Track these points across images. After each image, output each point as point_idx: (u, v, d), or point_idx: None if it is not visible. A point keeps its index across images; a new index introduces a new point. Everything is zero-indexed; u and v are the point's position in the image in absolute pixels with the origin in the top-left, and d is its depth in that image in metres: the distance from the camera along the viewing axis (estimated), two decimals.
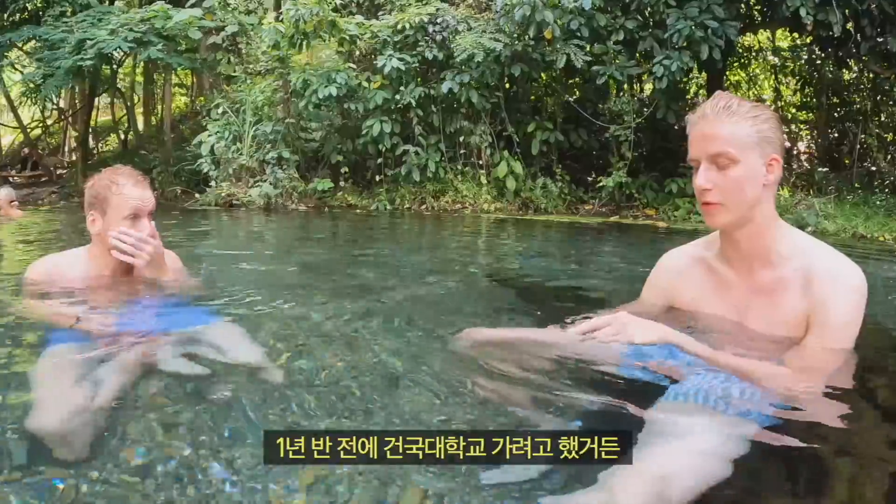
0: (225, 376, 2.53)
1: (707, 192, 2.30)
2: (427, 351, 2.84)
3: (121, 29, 13.41)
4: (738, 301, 2.48)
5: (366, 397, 2.37)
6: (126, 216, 3.28)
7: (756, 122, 2.28)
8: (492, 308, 4.01)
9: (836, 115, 15.16)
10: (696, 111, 2.38)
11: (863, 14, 10.38)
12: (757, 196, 2.31)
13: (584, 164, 13.63)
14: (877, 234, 9.04)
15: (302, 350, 2.95)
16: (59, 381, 2.46)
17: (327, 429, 2.10)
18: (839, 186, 12.48)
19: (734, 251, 2.46)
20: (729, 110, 2.29)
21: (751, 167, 2.28)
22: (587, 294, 4.43)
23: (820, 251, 2.36)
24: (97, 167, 17.99)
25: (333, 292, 4.30)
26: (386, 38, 12.20)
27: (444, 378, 2.48)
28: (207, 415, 2.21)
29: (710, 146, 2.28)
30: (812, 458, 1.94)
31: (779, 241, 2.38)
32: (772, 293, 2.38)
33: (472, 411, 2.20)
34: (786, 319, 2.35)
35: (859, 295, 2.28)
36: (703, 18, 10.43)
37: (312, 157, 13.52)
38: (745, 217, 2.33)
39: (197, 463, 1.91)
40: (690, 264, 2.65)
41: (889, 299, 4.56)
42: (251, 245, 7.72)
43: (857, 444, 2.03)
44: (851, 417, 2.12)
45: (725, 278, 2.52)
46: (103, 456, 1.95)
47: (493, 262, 6.43)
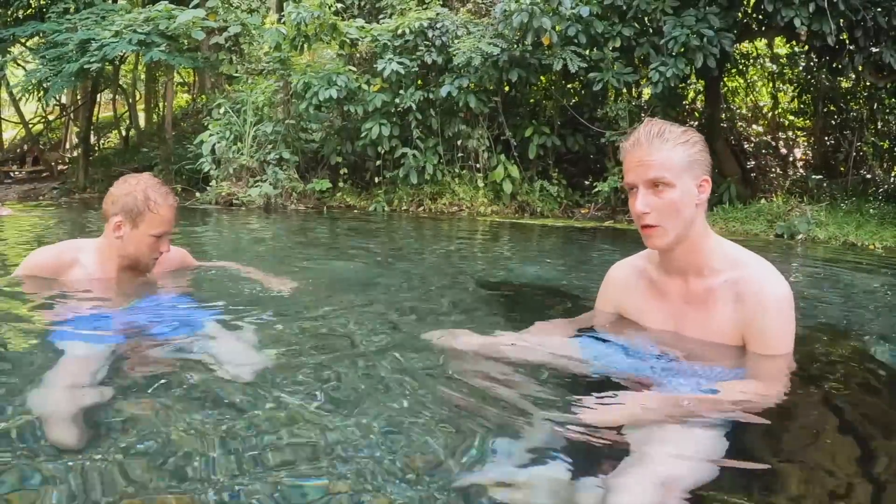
0: (223, 379, 2.61)
1: (646, 215, 2.45)
2: (409, 356, 2.93)
3: (125, 31, 13.46)
4: (674, 310, 2.66)
5: (349, 398, 2.47)
6: (154, 234, 3.46)
7: (686, 146, 2.46)
8: (476, 312, 4.10)
9: (832, 123, 15.19)
10: (628, 138, 2.54)
11: (857, 25, 10.46)
12: (692, 216, 2.48)
13: (581, 168, 13.71)
14: (867, 242, 9.05)
15: (294, 351, 3.04)
16: (69, 377, 2.58)
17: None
18: (833, 194, 12.55)
19: (670, 265, 2.65)
20: (662, 137, 2.44)
21: (685, 190, 2.44)
22: (571, 298, 4.53)
23: (749, 263, 2.53)
24: (98, 163, 18.13)
25: (327, 294, 4.37)
26: (386, 42, 12.30)
27: (422, 386, 2.58)
28: (205, 415, 2.29)
29: (647, 172, 2.44)
30: (757, 461, 2.05)
31: (710, 255, 2.56)
32: (704, 303, 2.56)
33: (447, 418, 2.30)
34: (719, 328, 2.53)
35: (787, 303, 2.46)
36: (699, 27, 10.52)
37: (312, 157, 13.60)
38: (682, 236, 2.49)
39: (193, 462, 1.98)
40: (634, 276, 2.84)
41: (859, 311, 4.65)
42: (249, 245, 7.78)
43: (805, 450, 2.14)
44: (806, 424, 2.24)
45: (663, 289, 2.70)
46: (98, 447, 2.04)
47: (483, 266, 6.49)
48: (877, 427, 2.37)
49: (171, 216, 3.54)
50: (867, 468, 2.00)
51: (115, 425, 2.20)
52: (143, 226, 3.50)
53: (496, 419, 2.26)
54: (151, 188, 3.54)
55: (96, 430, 2.16)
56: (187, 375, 2.65)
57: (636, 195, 2.47)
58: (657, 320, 2.72)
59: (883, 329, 3.89)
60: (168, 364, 2.77)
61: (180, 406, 2.36)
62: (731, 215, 10.86)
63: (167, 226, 3.54)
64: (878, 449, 2.17)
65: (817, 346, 3.20)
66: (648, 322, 2.76)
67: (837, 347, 3.29)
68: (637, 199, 2.46)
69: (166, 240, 3.58)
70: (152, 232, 3.50)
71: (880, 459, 2.06)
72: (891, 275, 6.49)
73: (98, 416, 2.25)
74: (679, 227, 2.46)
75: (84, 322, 3.19)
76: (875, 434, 2.31)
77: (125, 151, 20.31)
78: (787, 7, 10.26)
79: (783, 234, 9.70)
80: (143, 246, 3.55)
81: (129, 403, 2.37)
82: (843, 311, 4.48)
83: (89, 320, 3.22)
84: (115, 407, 2.32)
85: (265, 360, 2.82)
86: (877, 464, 2.04)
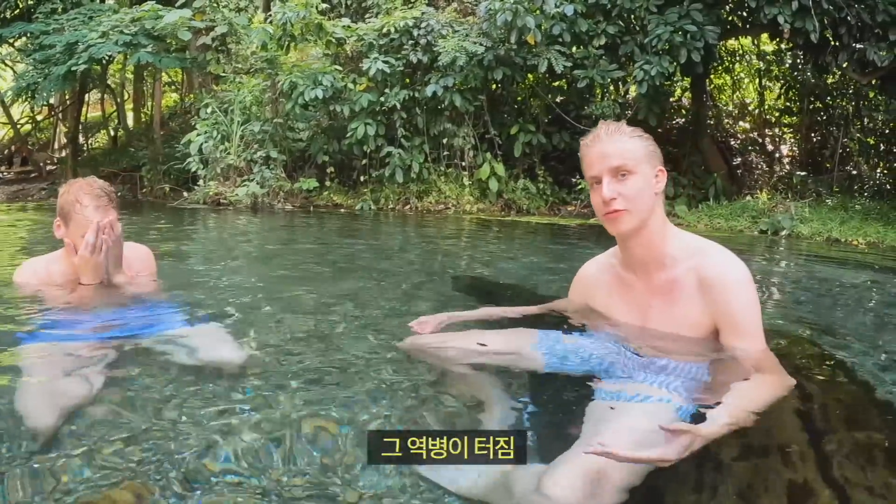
0: (198, 376, 2.64)
1: (613, 201, 2.53)
2: (383, 352, 2.98)
3: (112, 32, 13.47)
4: (640, 302, 2.73)
5: (321, 389, 2.51)
6: (83, 235, 3.46)
7: (641, 139, 2.62)
8: (450, 307, 4.14)
9: (818, 120, 15.27)
10: (588, 136, 2.65)
11: (840, 22, 10.52)
12: (652, 204, 2.58)
13: (568, 165, 13.73)
14: (851, 238, 9.13)
15: (269, 344, 3.08)
16: (44, 375, 2.62)
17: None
18: (819, 190, 12.61)
19: (631, 257, 2.72)
20: (619, 131, 2.59)
21: (645, 177, 2.56)
22: (550, 294, 4.56)
23: (707, 251, 2.61)
24: (87, 163, 18.10)
25: (312, 293, 4.41)
26: (372, 42, 12.33)
27: (389, 378, 2.64)
28: (182, 413, 2.32)
29: (610, 161, 2.54)
30: (716, 453, 2.08)
31: (669, 245, 2.64)
32: (668, 293, 2.63)
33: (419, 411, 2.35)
34: (686, 318, 2.60)
35: (748, 285, 2.54)
36: (682, 23, 10.58)
37: (299, 157, 13.63)
38: (644, 222, 2.58)
39: (174, 458, 2.01)
40: (601, 271, 2.93)
41: (836, 307, 4.69)
42: (234, 244, 7.81)
43: (762, 440, 2.17)
44: (764, 417, 2.27)
45: (628, 282, 2.78)
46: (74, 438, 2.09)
47: (465, 262, 6.54)
48: (835, 423, 2.41)
49: (97, 217, 3.46)
50: (824, 467, 2.02)
51: (90, 417, 2.25)
52: (72, 225, 3.51)
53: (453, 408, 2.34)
54: (82, 190, 3.53)
55: (72, 421, 2.20)
56: (163, 370, 2.69)
57: (600, 187, 2.56)
58: (623, 313, 2.80)
59: (856, 325, 3.93)
60: (142, 360, 2.80)
61: (157, 398, 2.41)
62: (716, 212, 10.92)
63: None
64: (836, 447, 2.19)
65: (789, 342, 3.23)
66: (615, 316, 2.83)
67: (809, 344, 3.32)
68: (602, 188, 2.54)
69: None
70: (80, 233, 3.48)
71: (837, 459, 2.09)
72: (871, 271, 6.53)
73: (74, 409, 2.29)
74: (644, 212, 2.56)
75: (58, 324, 3.23)
76: (832, 430, 2.34)
77: (113, 151, 20.26)
78: (770, 4, 10.33)
79: (767, 230, 9.76)
80: (74, 248, 3.56)
81: (104, 396, 2.42)
82: (820, 307, 4.52)
83: (63, 323, 3.26)
84: (91, 400, 2.37)
85: (242, 354, 2.87)
86: (834, 463, 2.06)
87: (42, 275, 3.71)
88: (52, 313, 3.40)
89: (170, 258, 5.19)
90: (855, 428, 2.35)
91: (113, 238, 3.53)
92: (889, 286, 5.78)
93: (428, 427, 2.24)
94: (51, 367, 2.71)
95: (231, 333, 3.13)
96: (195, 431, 2.16)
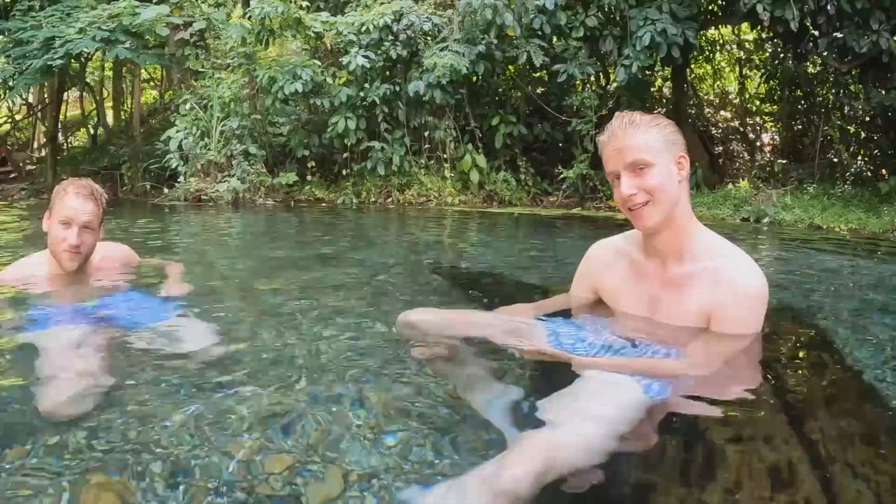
0: (182, 366, 2.65)
1: (633, 196, 2.50)
2: (370, 343, 2.98)
3: (89, 28, 13.36)
4: (651, 292, 2.69)
5: (314, 389, 2.49)
6: (60, 220, 3.52)
7: (658, 129, 2.55)
8: (431, 298, 4.15)
9: (799, 108, 15.30)
10: (603, 133, 2.62)
11: (819, 11, 10.54)
12: (676, 193, 2.54)
13: (550, 156, 13.73)
14: (833, 224, 9.16)
15: (258, 342, 3.07)
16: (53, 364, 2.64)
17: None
18: (800, 178, 12.65)
19: (652, 248, 2.68)
20: (633, 124, 2.53)
21: (665, 167, 2.51)
22: (530, 285, 4.57)
23: (728, 254, 2.57)
24: (67, 163, 18.01)
25: (292, 286, 4.39)
26: (351, 38, 12.28)
27: (378, 370, 2.62)
28: (168, 396, 2.35)
29: (626, 157, 2.51)
30: (703, 440, 2.08)
31: (691, 241, 2.61)
32: (680, 287, 2.59)
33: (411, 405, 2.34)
34: (691, 312, 2.56)
35: (758, 299, 2.52)
36: (662, 21, 10.59)
37: (280, 151, 13.58)
38: (670, 214, 2.54)
39: (162, 449, 2.01)
40: (615, 255, 2.87)
41: (819, 291, 4.69)
42: (215, 240, 7.77)
43: (745, 425, 2.16)
44: (749, 403, 2.27)
45: (642, 270, 2.73)
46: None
47: (445, 254, 6.53)
48: (819, 408, 2.40)
49: (73, 204, 3.53)
50: (809, 450, 2.00)
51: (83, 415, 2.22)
52: (53, 213, 3.57)
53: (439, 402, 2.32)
54: (70, 181, 3.66)
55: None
56: (144, 361, 2.72)
57: (620, 183, 2.53)
58: (631, 303, 2.76)
59: (840, 310, 3.93)
60: (125, 352, 2.82)
61: (144, 387, 2.44)
62: (697, 200, 10.92)
63: (69, 211, 3.51)
64: (819, 429, 2.18)
65: (773, 327, 3.23)
66: (623, 304, 2.80)
67: (792, 329, 3.32)
68: (621, 184, 2.52)
69: (74, 230, 3.53)
70: (58, 218, 3.53)
71: (823, 441, 2.08)
72: (853, 256, 6.55)
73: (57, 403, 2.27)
74: (666, 203, 2.52)
75: (40, 319, 3.25)
76: (816, 414, 2.33)
77: (93, 150, 20.13)
78: None
79: (749, 217, 9.79)
80: (54, 235, 3.58)
81: (87, 389, 2.39)
82: (802, 291, 4.51)
83: (45, 317, 3.27)
84: (74, 395, 2.34)
85: (221, 344, 2.88)
86: (819, 446, 2.05)
87: (26, 271, 3.76)
88: (34, 308, 3.42)
89: (151, 254, 5.13)
90: (839, 412, 2.35)
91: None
92: (870, 270, 5.79)
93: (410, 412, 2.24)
94: (32, 361, 2.69)
95: (212, 325, 3.12)
96: (178, 422, 2.15)
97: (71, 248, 3.53)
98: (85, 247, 3.60)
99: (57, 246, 3.56)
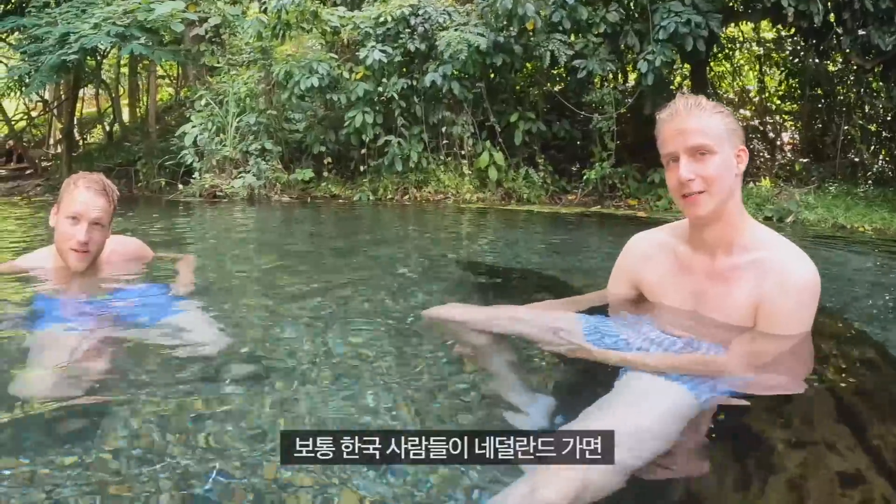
0: (191, 364, 2.56)
1: (691, 182, 2.37)
2: (395, 341, 2.87)
3: (104, 23, 13.31)
4: (696, 286, 2.56)
5: (330, 388, 2.39)
6: (68, 215, 3.37)
7: (722, 116, 2.41)
8: (457, 295, 4.05)
9: (819, 107, 15.17)
10: (666, 109, 2.47)
11: (844, 6, 10.41)
12: (732, 186, 2.42)
13: (568, 154, 13.62)
14: (856, 224, 9.06)
15: (271, 339, 2.98)
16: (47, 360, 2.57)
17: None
18: (822, 177, 12.53)
19: (700, 240, 2.55)
20: (699, 107, 2.40)
21: (725, 157, 2.38)
22: (556, 281, 4.47)
23: (778, 245, 2.44)
24: (82, 159, 18.03)
25: (309, 282, 4.32)
26: (368, 31, 12.17)
27: (410, 369, 2.51)
28: (171, 401, 2.24)
29: (688, 139, 2.37)
30: (758, 445, 1.97)
31: (742, 234, 2.47)
32: (727, 281, 2.46)
33: (446, 408, 2.23)
34: (737, 307, 2.43)
35: (809, 292, 2.38)
36: (686, 13, 10.44)
37: (296, 148, 13.49)
38: (723, 206, 2.42)
39: (163, 447, 1.94)
40: (656, 249, 2.73)
41: (852, 290, 4.59)
42: (232, 236, 7.71)
43: (804, 430, 2.05)
44: (805, 405, 2.16)
45: (687, 263, 2.59)
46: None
47: (467, 251, 6.45)
48: (879, 412, 2.27)
49: (83, 198, 3.38)
50: (873, 456, 1.89)
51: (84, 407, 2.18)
52: (62, 208, 3.43)
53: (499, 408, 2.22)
54: (80, 175, 3.53)
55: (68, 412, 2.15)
56: (157, 360, 2.65)
57: (676, 166, 2.41)
58: (676, 298, 2.63)
59: (875, 308, 3.83)
60: (134, 349, 2.74)
61: (149, 389, 2.34)
62: None
63: (79, 206, 3.37)
64: (879, 436, 2.07)
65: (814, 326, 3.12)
66: (667, 298, 2.67)
67: (834, 328, 3.20)
68: (680, 167, 2.39)
69: (81, 225, 3.38)
70: (66, 213, 3.39)
71: (885, 447, 1.96)
72: (881, 255, 6.45)
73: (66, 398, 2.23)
74: (723, 194, 2.40)
75: (47, 314, 3.17)
76: (878, 419, 2.21)
77: (108, 147, 20.13)
78: None
79: (773, 216, 9.66)
80: (61, 231, 3.44)
81: (97, 384, 2.36)
82: (835, 290, 4.40)
83: (53, 312, 3.20)
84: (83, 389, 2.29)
85: (236, 342, 2.80)
86: (884, 452, 1.94)
87: (30, 265, 3.66)
88: (36, 302, 3.31)
89: (166, 249, 5.06)
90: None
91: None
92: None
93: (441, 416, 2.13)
94: (44, 354, 2.64)
95: (226, 322, 3.04)
96: (185, 429, 2.06)
97: (79, 246, 3.38)
98: (94, 245, 3.44)
99: (64, 243, 3.42)
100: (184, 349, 2.71)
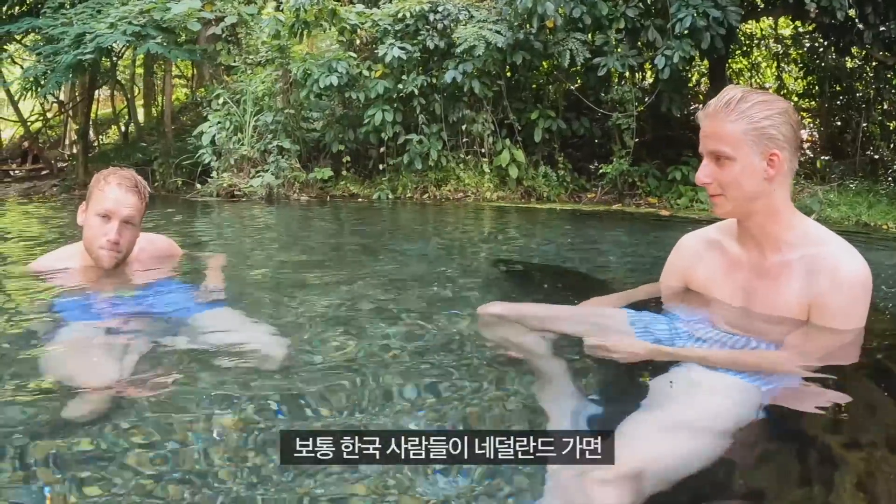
0: (221, 360, 2.52)
1: (707, 185, 2.42)
2: (433, 339, 2.83)
3: (120, 22, 13.32)
4: (745, 283, 2.55)
5: (365, 390, 2.34)
6: (98, 213, 3.31)
7: (751, 121, 2.33)
8: (491, 292, 4.01)
9: (838, 104, 15.11)
10: (706, 106, 2.46)
11: (866, 1, 10.33)
12: (756, 190, 2.38)
13: (587, 152, 13.57)
14: (880, 222, 9.00)
15: (303, 337, 2.93)
16: (82, 358, 2.55)
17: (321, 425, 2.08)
18: (843, 174, 12.46)
19: (747, 236, 2.54)
20: (728, 108, 2.35)
21: (747, 164, 2.35)
22: (583, 277, 4.44)
23: (828, 241, 2.42)
24: (98, 160, 18.08)
25: (335, 281, 4.27)
26: (387, 28, 12.14)
27: (447, 369, 2.47)
28: (201, 398, 2.22)
29: (708, 143, 2.40)
30: (815, 445, 1.94)
31: (789, 230, 2.45)
32: (777, 277, 2.45)
33: (479, 409, 2.19)
34: (788, 303, 2.42)
35: (861, 286, 2.36)
36: (705, 6, 10.36)
37: (314, 146, 13.48)
38: (747, 209, 2.42)
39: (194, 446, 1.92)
40: (706, 246, 2.75)
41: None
42: (252, 234, 7.70)
43: (864, 427, 2.01)
44: (861, 404, 2.12)
45: (737, 260, 2.59)
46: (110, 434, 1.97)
47: (498, 249, 6.41)
48: None
49: (114, 195, 3.32)
50: None
51: (123, 412, 2.12)
52: (91, 204, 3.37)
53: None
54: (110, 171, 3.48)
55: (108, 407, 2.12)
56: (188, 362, 2.60)
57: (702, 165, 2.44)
58: (726, 293, 2.63)
59: None
60: (163, 351, 2.70)
61: (202, 384, 2.35)
62: None
63: (110, 203, 3.32)
64: None
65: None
66: (716, 294, 2.67)
67: (881, 325, 3.14)
68: (700, 168, 2.44)
69: (113, 223, 3.34)
70: (96, 210, 3.34)
71: None
72: None
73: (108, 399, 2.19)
74: (741, 199, 2.40)
75: (75, 313, 3.13)
76: None
77: (124, 147, 20.21)
78: None
79: None
80: (90, 229, 3.39)
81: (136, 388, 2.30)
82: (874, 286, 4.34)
83: (81, 311, 3.17)
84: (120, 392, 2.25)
85: (273, 344, 2.71)
86: None
87: (56, 263, 3.61)
88: (62, 302, 3.27)
89: (193, 248, 5.03)
90: None
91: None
92: None
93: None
94: (72, 353, 2.62)
95: (261, 321, 2.99)
96: (210, 441, 2.01)
97: (110, 245, 3.33)
98: (125, 244, 3.39)
99: (94, 241, 3.36)
100: (213, 347, 2.68)
